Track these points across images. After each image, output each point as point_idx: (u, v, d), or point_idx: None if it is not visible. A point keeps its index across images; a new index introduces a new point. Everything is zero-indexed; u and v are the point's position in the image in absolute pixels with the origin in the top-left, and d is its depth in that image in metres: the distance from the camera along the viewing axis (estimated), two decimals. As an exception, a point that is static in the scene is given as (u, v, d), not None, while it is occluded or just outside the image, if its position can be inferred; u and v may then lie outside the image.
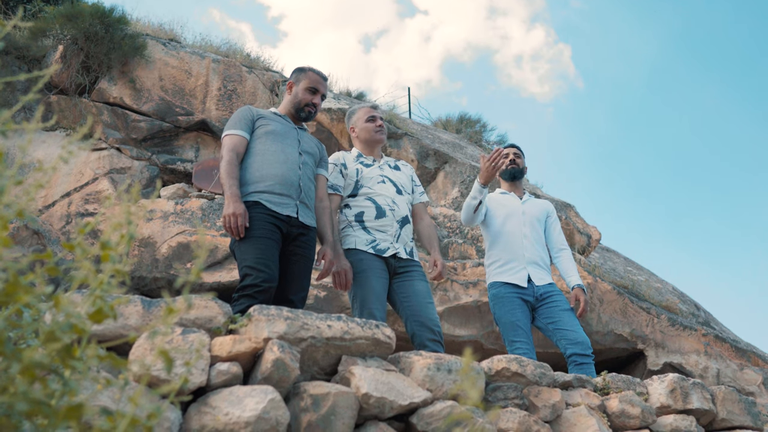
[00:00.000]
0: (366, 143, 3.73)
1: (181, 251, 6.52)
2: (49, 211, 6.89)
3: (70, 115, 7.62)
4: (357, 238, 3.44)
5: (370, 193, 3.53)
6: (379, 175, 3.60)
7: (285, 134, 3.38)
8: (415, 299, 3.38)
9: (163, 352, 1.00)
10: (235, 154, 3.24)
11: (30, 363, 0.93)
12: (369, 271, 3.35)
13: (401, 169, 3.77)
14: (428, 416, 2.28)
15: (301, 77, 3.50)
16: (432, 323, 3.32)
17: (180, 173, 7.92)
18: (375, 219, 3.46)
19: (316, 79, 3.49)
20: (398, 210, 3.52)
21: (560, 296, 3.81)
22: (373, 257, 3.39)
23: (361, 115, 3.78)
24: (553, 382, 2.82)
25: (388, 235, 3.45)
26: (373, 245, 3.41)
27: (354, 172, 3.60)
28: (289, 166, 3.29)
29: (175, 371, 1.91)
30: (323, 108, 8.12)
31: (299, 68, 3.56)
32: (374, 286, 3.32)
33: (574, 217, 8.35)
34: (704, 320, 9.06)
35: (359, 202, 3.53)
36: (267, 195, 3.20)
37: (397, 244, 3.46)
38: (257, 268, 3.02)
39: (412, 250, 3.55)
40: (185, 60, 8.26)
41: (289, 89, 3.51)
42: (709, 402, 3.06)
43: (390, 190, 3.57)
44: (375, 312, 3.25)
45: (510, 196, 4.09)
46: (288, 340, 2.19)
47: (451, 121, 11.46)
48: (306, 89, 3.47)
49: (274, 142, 3.32)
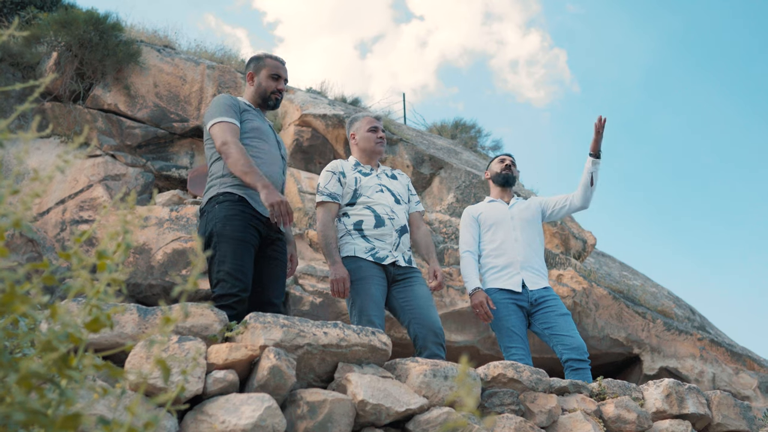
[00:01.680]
0: (365, 152, 3.74)
1: (177, 258, 6.50)
2: (43, 218, 6.87)
3: (65, 122, 7.61)
4: (356, 246, 3.43)
5: (368, 202, 3.52)
6: (377, 184, 3.61)
7: (268, 133, 3.30)
8: (417, 303, 3.35)
9: (160, 360, 1.00)
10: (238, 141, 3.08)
11: (27, 372, 0.93)
12: (368, 278, 3.34)
13: (398, 178, 3.78)
14: (424, 423, 2.28)
15: (261, 66, 3.37)
16: (435, 326, 3.29)
17: (175, 180, 7.92)
18: (374, 228, 3.46)
19: (275, 65, 3.38)
20: (397, 219, 3.53)
21: (556, 301, 3.81)
22: (371, 265, 3.38)
23: (364, 124, 3.79)
24: (549, 388, 2.82)
25: (387, 243, 3.45)
26: (372, 253, 3.41)
27: (353, 180, 3.59)
28: (275, 168, 3.25)
29: (171, 380, 1.91)
30: (319, 114, 8.13)
31: (255, 57, 3.44)
32: (373, 293, 3.31)
33: (569, 222, 8.37)
34: (700, 324, 9.09)
35: (358, 210, 3.52)
36: (251, 191, 3.08)
37: (396, 253, 3.46)
38: (235, 275, 2.91)
39: (411, 258, 3.56)
40: (180, 66, 8.27)
41: (251, 79, 3.38)
42: (704, 407, 3.07)
43: (388, 199, 3.57)
44: (374, 319, 3.24)
45: (498, 203, 4.10)
46: (284, 347, 2.19)
47: (446, 127, 11.49)
48: (269, 77, 3.34)
49: (261, 141, 3.23)
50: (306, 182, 7.64)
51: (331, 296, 6.63)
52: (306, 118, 8.13)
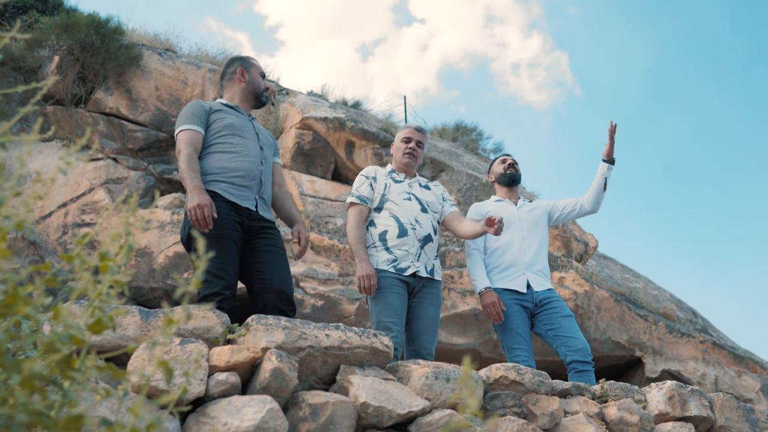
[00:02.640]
0: (395, 162, 3.83)
1: (178, 261, 6.51)
2: (45, 222, 6.88)
3: (66, 125, 7.62)
4: (378, 258, 3.51)
5: (393, 209, 3.59)
6: (406, 192, 3.67)
7: (243, 128, 3.32)
8: (419, 324, 3.46)
9: (163, 362, 1.00)
10: (194, 149, 3.12)
11: (29, 374, 0.93)
12: (387, 288, 3.42)
13: (431, 188, 3.83)
14: (426, 425, 2.28)
15: (248, 65, 3.51)
16: (426, 352, 3.41)
17: (176, 183, 7.92)
18: (397, 238, 3.52)
19: (260, 65, 3.56)
20: (420, 229, 3.57)
21: (560, 302, 3.80)
22: (392, 275, 3.45)
23: (400, 134, 3.87)
24: (552, 390, 2.81)
25: (410, 254, 3.51)
26: (393, 264, 3.48)
27: (382, 186, 3.67)
28: (252, 160, 3.25)
29: (173, 381, 1.91)
30: (320, 117, 8.14)
31: (240, 57, 3.56)
32: (391, 302, 3.39)
33: (570, 224, 8.36)
34: (702, 327, 9.07)
35: (383, 219, 3.59)
36: (225, 185, 3.11)
37: (418, 263, 3.52)
38: (216, 274, 2.90)
39: (434, 268, 3.59)
40: (181, 70, 8.28)
41: (241, 77, 3.46)
42: (707, 409, 3.06)
43: (414, 207, 3.62)
44: (390, 325, 3.32)
45: (505, 203, 4.09)
46: (286, 349, 2.19)
47: (447, 129, 11.49)
48: (259, 74, 3.51)
49: (235, 136, 3.25)
50: (307, 185, 7.64)
51: (333, 299, 6.62)
52: (307, 121, 8.14)
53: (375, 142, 8.07)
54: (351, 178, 8.16)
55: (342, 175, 8.58)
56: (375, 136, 8.11)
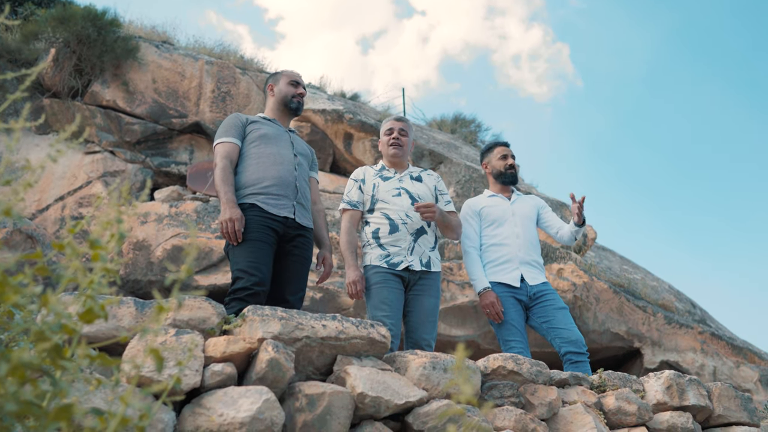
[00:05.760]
0: (385, 158, 3.83)
1: (176, 254, 6.50)
2: (42, 215, 6.87)
3: (63, 118, 7.59)
4: (372, 255, 3.53)
5: (384, 208, 3.59)
6: (395, 188, 3.66)
7: (278, 137, 3.45)
8: (416, 316, 3.46)
9: (153, 350, 0.99)
10: (229, 161, 3.30)
11: (19, 363, 0.92)
12: (381, 283, 3.43)
13: (424, 179, 3.79)
14: (424, 415, 2.27)
15: (279, 77, 3.65)
16: (424, 343, 3.42)
17: (174, 176, 7.90)
18: (389, 234, 3.53)
19: (293, 74, 3.66)
20: (411, 222, 3.56)
21: (554, 295, 3.81)
22: (386, 271, 3.46)
23: (382, 130, 3.86)
24: (550, 380, 2.81)
25: (402, 249, 3.51)
26: (387, 260, 3.48)
27: (371, 187, 3.67)
28: (285, 167, 3.35)
29: (168, 371, 1.90)
30: (318, 109, 8.11)
31: (274, 73, 3.72)
32: (385, 296, 3.39)
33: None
34: (700, 318, 9.08)
35: (376, 218, 3.60)
36: (263, 197, 3.25)
37: (411, 257, 3.51)
38: (248, 271, 3.06)
39: (429, 261, 3.57)
40: (178, 62, 8.24)
41: (271, 91, 3.63)
42: (705, 398, 3.06)
43: (405, 202, 3.60)
44: (383, 320, 3.32)
45: (499, 198, 4.08)
46: (282, 340, 2.18)
47: (446, 121, 11.46)
48: (288, 84, 3.61)
49: (268, 145, 3.38)
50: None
51: (331, 292, 6.62)
52: (305, 113, 8.11)
53: (373, 134, 8.05)
54: (349, 170, 8.14)
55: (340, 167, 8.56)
56: (373, 128, 8.09)
